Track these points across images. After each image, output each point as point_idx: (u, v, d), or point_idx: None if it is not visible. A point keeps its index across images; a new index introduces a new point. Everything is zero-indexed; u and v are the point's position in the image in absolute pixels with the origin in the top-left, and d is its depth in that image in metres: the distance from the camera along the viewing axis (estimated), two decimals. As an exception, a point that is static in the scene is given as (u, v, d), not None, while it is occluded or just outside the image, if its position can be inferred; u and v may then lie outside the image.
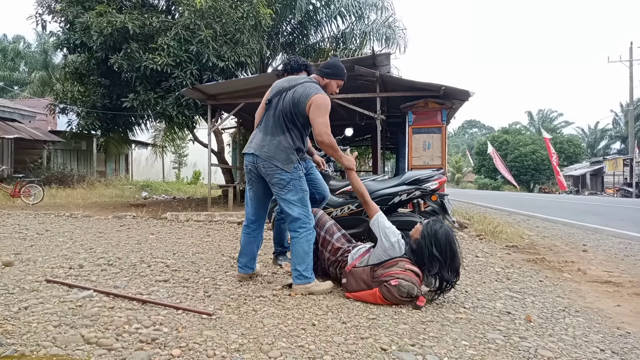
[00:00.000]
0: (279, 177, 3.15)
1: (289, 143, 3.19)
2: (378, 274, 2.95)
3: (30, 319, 2.36)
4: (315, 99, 3.12)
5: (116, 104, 10.96)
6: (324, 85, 3.36)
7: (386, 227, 3.08)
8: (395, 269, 2.91)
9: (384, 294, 2.86)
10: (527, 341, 2.38)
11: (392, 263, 2.96)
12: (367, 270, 3.01)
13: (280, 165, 3.14)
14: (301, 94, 3.16)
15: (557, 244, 6.19)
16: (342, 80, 3.43)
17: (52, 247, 4.79)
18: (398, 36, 14.25)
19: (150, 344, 2.10)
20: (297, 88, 3.21)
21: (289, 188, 3.16)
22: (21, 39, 32.65)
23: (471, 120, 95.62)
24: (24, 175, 12.86)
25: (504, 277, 3.99)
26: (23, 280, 3.23)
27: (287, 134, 3.20)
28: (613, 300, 3.39)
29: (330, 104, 3.21)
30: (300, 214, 3.17)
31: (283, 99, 3.22)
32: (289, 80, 3.32)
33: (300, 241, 3.15)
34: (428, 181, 4.57)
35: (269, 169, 3.16)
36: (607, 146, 52.22)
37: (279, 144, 3.17)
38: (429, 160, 8.26)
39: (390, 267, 2.94)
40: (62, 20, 10.49)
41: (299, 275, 3.13)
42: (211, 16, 9.30)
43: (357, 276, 3.05)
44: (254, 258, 3.45)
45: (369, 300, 2.93)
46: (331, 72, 3.37)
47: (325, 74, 3.38)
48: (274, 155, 3.15)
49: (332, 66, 3.39)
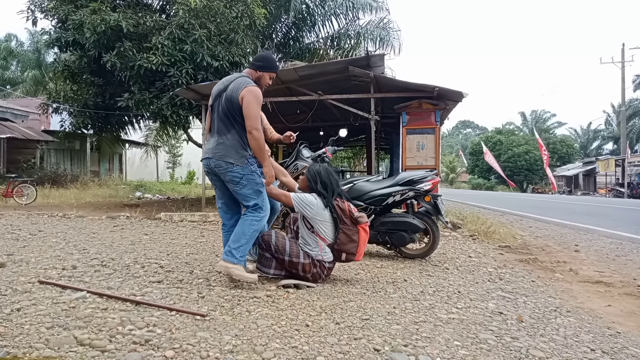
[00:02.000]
0: (231, 174, 3.27)
1: (237, 140, 3.30)
2: (345, 221, 3.45)
3: (23, 321, 2.35)
4: (244, 94, 3.21)
5: (109, 103, 10.91)
6: (257, 78, 3.44)
7: (304, 204, 3.42)
8: (341, 211, 3.46)
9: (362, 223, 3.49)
10: (519, 341, 2.40)
11: (339, 214, 3.46)
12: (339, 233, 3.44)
13: (232, 162, 3.26)
14: (232, 90, 3.27)
15: (550, 244, 6.24)
16: (274, 73, 3.53)
17: (45, 247, 4.76)
18: (392, 37, 14.31)
19: (143, 345, 2.11)
20: (230, 86, 3.32)
21: (243, 183, 3.28)
22: (13, 37, 32.33)
23: (465, 121, 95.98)
24: (17, 175, 12.76)
25: (496, 277, 4.01)
26: (15, 281, 3.21)
27: (232, 131, 3.30)
28: (604, 300, 3.43)
29: (262, 96, 3.31)
30: (255, 203, 3.31)
31: (221, 100, 3.34)
32: (223, 82, 3.43)
33: (245, 222, 3.29)
34: (421, 182, 4.60)
35: (221, 168, 3.29)
36: (599, 147, 52.61)
37: (228, 143, 3.29)
38: (423, 160, 8.29)
39: (340, 213, 3.46)
40: (54, 18, 10.42)
41: (228, 252, 3.25)
42: (205, 16, 9.28)
43: (342, 241, 3.43)
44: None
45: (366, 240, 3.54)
46: (263, 64, 3.46)
47: (257, 67, 3.45)
48: (224, 154, 3.27)
49: (264, 59, 3.48)
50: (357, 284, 3.53)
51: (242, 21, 9.64)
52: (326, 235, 3.44)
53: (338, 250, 3.46)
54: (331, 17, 14.33)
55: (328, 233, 3.45)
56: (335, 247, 3.45)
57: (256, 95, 3.23)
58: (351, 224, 3.48)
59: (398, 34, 14.54)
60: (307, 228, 3.47)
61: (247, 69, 3.50)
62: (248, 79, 3.35)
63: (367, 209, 4.66)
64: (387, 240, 4.63)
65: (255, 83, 3.37)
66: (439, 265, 4.41)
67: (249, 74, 3.43)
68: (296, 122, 11.95)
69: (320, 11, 14.07)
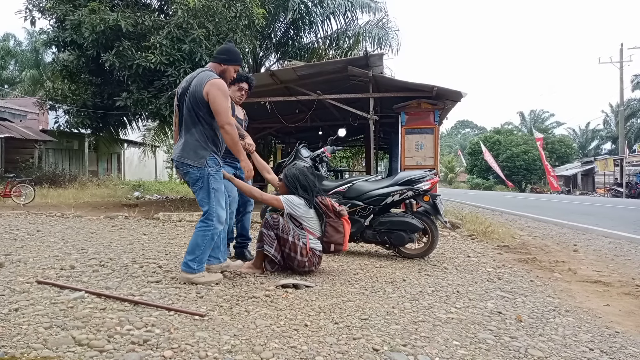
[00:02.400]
0: (188, 175, 3.28)
1: (197, 139, 3.25)
2: (331, 215, 3.75)
3: (21, 321, 2.34)
4: (209, 88, 3.16)
5: (107, 103, 10.89)
6: (222, 72, 3.40)
7: (293, 205, 3.65)
8: (324, 206, 3.76)
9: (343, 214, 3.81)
10: (518, 341, 2.40)
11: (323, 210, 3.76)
12: (326, 225, 3.75)
13: (190, 163, 3.24)
14: (196, 86, 3.22)
15: (548, 244, 6.24)
16: (238, 65, 3.50)
17: (43, 247, 4.75)
18: (391, 37, 14.32)
19: (142, 346, 2.10)
20: (193, 82, 3.28)
21: (199, 185, 3.27)
22: (11, 36, 32.24)
23: (464, 121, 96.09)
24: (15, 175, 12.74)
25: (495, 277, 4.02)
26: (13, 281, 3.20)
27: (193, 131, 3.26)
28: (602, 300, 3.43)
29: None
30: (207, 211, 3.29)
31: (186, 98, 3.29)
32: (187, 79, 3.38)
33: (197, 234, 3.29)
34: (420, 182, 4.60)
35: (181, 168, 3.30)
36: (598, 146, 52.72)
37: (188, 142, 3.27)
38: (422, 160, 8.30)
39: (325, 210, 3.76)
40: (52, 18, 10.39)
41: (185, 264, 3.30)
42: (204, 15, 9.27)
43: (330, 233, 3.74)
44: (216, 247, 3.53)
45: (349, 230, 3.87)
46: (227, 57, 3.42)
47: (221, 60, 3.41)
48: (183, 154, 3.27)
49: (227, 52, 3.45)
50: (356, 283, 3.53)
51: (241, 21, 9.64)
52: (315, 230, 3.74)
53: (327, 242, 3.77)
54: (330, 17, 14.35)
55: (316, 228, 3.75)
56: (324, 239, 3.76)
57: (221, 88, 3.18)
58: (335, 217, 3.79)
59: (396, 33, 14.57)
60: (296, 225, 3.70)
61: (211, 63, 3.45)
62: (211, 72, 3.30)
63: (365, 208, 4.66)
64: (385, 240, 4.63)
65: (220, 77, 3.32)
66: (437, 265, 4.41)
67: (212, 68, 3.39)
68: (295, 122, 11.95)
69: (318, 11, 14.08)
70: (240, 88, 4.10)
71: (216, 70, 3.36)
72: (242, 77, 4.08)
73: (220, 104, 3.15)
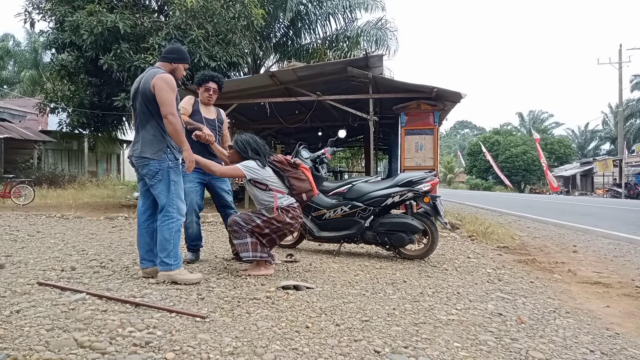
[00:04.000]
0: (147, 168, 3.34)
1: (153, 134, 3.35)
2: (288, 169, 3.87)
3: (23, 323, 2.34)
4: (155, 81, 3.25)
5: (105, 103, 10.88)
6: (172, 70, 3.47)
7: (252, 169, 3.70)
8: (279, 163, 3.88)
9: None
10: (519, 342, 2.41)
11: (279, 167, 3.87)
12: (284, 178, 3.85)
13: (148, 156, 3.33)
14: (144, 83, 3.32)
15: (548, 245, 6.26)
16: (187, 64, 3.60)
17: (43, 249, 4.75)
18: (389, 37, 14.34)
19: (144, 348, 2.10)
20: (142, 80, 3.37)
21: (158, 178, 3.35)
22: (10, 37, 32.20)
23: (463, 121, 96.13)
24: (15, 176, 12.73)
25: (495, 278, 4.02)
26: (14, 283, 3.20)
27: (148, 126, 3.36)
28: (602, 301, 3.44)
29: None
30: (165, 204, 3.35)
31: (137, 97, 3.38)
32: (137, 80, 3.46)
33: (162, 229, 3.34)
34: (420, 183, 4.61)
35: (139, 162, 3.37)
36: (597, 147, 52.79)
37: (145, 137, 3.36)
38: (422, 161, 8.31)
39: (280, 167, 3.87)
40: (51, 20, 10.38)
41: (161, 262, 3.35)
42: (203, 16, 9.27)
43: (296, 185, 3.85)
44: (150, 250, 3.52)
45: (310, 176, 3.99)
46: (177, 56, 3.50)
47: (172, 59, 3.48)
48: (141, 149, 3.35)
49: (177, 51, 3.52)
50: (357, 285, 3.54)
51: (240, 21, 9.63)
52: (280, 187, 3.82)
53: (297, 194, 3.88)
54: (329, 17, 14.36)
55: (280, 185, 3.83)
56: (294, 192, 3.86)
57: (167, 81, 3.27)
58: (293, 168, 3.90)
59: (395, 34, 14.58)
60: (262, 190, 3.75)
61: (160, 62, 3.52)
62: (160, 70, 3.39)
63: (366, 209, 4.66)
64: (386, 241, 4.63)
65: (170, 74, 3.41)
66: (438, 266, 4.42)
67: (162, 67, 3.46)
68: (295, 123, 11.96)
69: (317, 11, 14.08)
70: (207, 88, 4.21)
71: (166, 69, 3.45)
72: (208, 76, 4.20)
73: (164, 95, 3.24)
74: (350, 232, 4.73)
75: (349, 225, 4.73)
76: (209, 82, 4.20)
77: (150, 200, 3.54)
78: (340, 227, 4.77)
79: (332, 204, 4.84)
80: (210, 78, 4.21)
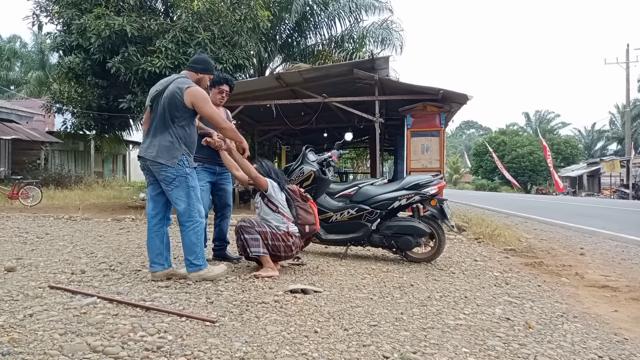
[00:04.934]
0: (164, 174, 3.41)
1: (171, 140, 3.42)
2: (298, 200, 4.07)
3: (36, 327, 2.37)
4: (192, 93, 3.37)
5: (112, 105, 10.96)
6: (198, 80, 3.58)
7: (275, 188, 3.91)
8: (292, 192, 4.09)
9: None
10: (527, 348, 2.41)
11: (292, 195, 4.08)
12: (296, 208, 4.03)
13: (164, 162, 3.39)
14: (173, 91, 3.39)
15: (555, 247, 6.24)
16: (212, 75, 3.76)
17: (53, 251, 4.80)
18: (394, 38, 14.33)
19: (155, 352, 2.13)
20: (170, 87, 3.44)
21: (175, 184, 3.42)
22: (17, 38, 32.48)
23: (469, 121, 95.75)
24: (22, 177, 12.83)
25: (502, 281, 4.02)
26: (26, 286, 3.24)
27: (168, 132, 3.42)
28: (610, 306, 3.43)
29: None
30: (186, 208, 3.45)
31: (161, 100, 3.44)
32: (162, 83, 3.54)
33: (188, 234, 3.48)
34: (427, 186, 4.62)
35: (155, 166, 3.43)
36: (604, 147, 52.49)
37: (162, 143, 3.41)
38: (428, 163, 8.31)
39: (293, 195, 4.08)
40: (59, 22, 10.48)
41: (190, 264, 3.51)
42: (209, 19, 9.32)
43: (302, 216, 4.04)
44: (160, 254, 3.56)
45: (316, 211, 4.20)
46: (204, 67, 3.62)
47: (198, 70, 3.60)
48: (158, 154, 3.40)
49: (204, 62, 3.65)
50: (364, 288, 3.55)
51: (246, 24, 9.68)
52: (288, 214, 3.95)
53: (302, 224, 4.01)
54: (334, 19, 14.36)
55: (288, 212, 3.97)
56: (298, 222, 4.00)
57: (203, 95, 3.42)
58: (302, 200, 4.10)
59: (400, 34, 14.57)
60: (272, 210, 3.89)
61: (186, 71, 3.62)
62: (189, 80, 3.49)
63: (372, 212, 4.68)
64: (392, 244, 4.64)
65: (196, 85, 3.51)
66: (445, 270, 4.42)
67: (188, 76, 3.55)
68: (300, 124, 11.98)
69: (323, 13, 14.10)
70: (220, 90, 4.22)
71: (192, 79, 3.55)
72: (222, 79, 4.22)
73: (209, 110, 3.42)
74: (357, 235, 4.74)
75: (356, 228, 4.75)
76: (223, 84, 4.20)
77: (161, 204, 3.58)
78: (347, 229, 4.78)
79: (339, 206, 4.86)
80: (225, 80, 4.21)
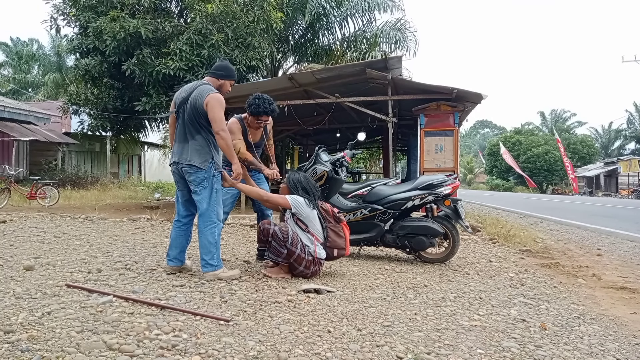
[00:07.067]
0: (195, 175, 3.58)
1: (201, 144, 3.60)
2: (330, 220, 3.90)
3: (54, 325, 2.41)
4: (209, 100, 3.50)
5: (127, 107, 11.10)
6: (219, 86, 3.71)
7: (299, 204, 3.74)
8: (324, 211, 3.89)
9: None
10: (543, 350, 2.38)
11: (323, 215, 3.88)
12: (327, 230, 3.85)
13: (197, 165, 3.56)
14: (197, 97, 3.55)
15: (571, 248, 6.15)
16: (234, 80, 3.85)
17: (69, 250, 4.87)
18: (408, 39, 14.25)
19: (170, 351, 2.15)
20: (194, 93, 3.58)
21: (204, 185, 3.60)
22: (35, 41, 33.08)
23: (483, 121, 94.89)
24: (40, 178, 13.06)
25: (518, 282, 3.98)
26: (44, 284, 3.30)
27: (197, 137, 3.60)
28: (629, 308, 3.38)
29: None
30: (207, 209, 3.61)
31: (185, 107, 3.60)
32: (186, 90, 3.68)
33: (205, 234, 3.63)
34: (441, 186, 4.59)
35: (187, 169, 3.59)
36: (621, 146, 51.61)
37: (193, 147, 3.59)
38: (441, 163, 8.26)
39: (325, 215, 3.88)
40: (76, 25, 10.65)
41: (205, 264, 3.62)
42: (223, 20, 9.38)
43: (332, 239, 3.84)
44: (183, 251, 3.88)
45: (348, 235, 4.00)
46: (225, 73, 3.75)
47: (219, 76, 3.73)
48: (191, 158, 3.58)
49: (225, 68, 3.77)
50: (377, 289, 3.54)
51: (259, 25, 9.73)
52: (319, 234, 3.79)
53: (330, 247, 3.85)
54: (347, 19, 14.32)
55: (320, 231, 3.80)
56: (327, 244, 3.84)
57: (219, 101, 3.52)
58: (335, 222, 3.93)
59: (414, 34, 14.48)
60: (302, 229, 3.77)
61: (208, 77, 3.75)
62: (210, 86, 3.62)
63: (386, 212, 4.66)
64: (406, 244, 4.62)
65: (217, 90, 3.64)
66: (459, 270, 4.39)
67: (210, 82, 3.69)
68: (313, 125, 11.99)
69: (336, 13, 14.07)
70: (259, 119, 4.22)
71: (214, 85, 3.68)
72: (269, 112, 4.19)
73: (216, 114, 3.49)
74: (370, 235, 4.73)
75: (369, 228, 4.74)
76: (262, 115, 4.18)
77: (192, 209, 3.81)
78: (360, 230, 4.77)
79: (352, 206, 4.85)
80: (271, 113, 4.19)
